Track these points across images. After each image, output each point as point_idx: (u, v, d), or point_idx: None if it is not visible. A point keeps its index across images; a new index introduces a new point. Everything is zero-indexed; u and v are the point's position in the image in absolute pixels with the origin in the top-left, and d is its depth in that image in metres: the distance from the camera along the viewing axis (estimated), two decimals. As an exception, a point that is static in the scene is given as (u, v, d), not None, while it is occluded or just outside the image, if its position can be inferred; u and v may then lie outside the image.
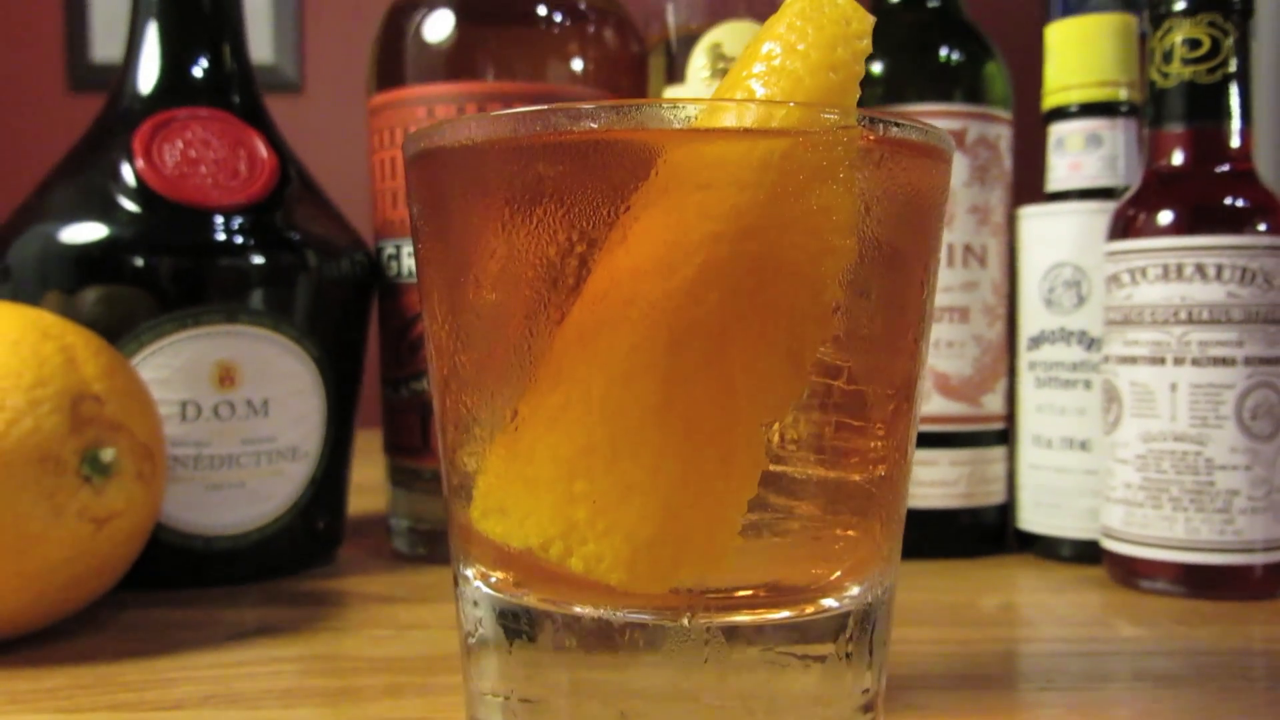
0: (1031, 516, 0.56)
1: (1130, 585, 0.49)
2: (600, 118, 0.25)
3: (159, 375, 0.47)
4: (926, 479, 0.56)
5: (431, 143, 0.28)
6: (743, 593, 0.28)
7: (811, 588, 0.29)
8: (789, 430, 0.27)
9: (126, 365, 0.44)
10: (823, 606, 0.29)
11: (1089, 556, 0.53)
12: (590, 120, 0.25)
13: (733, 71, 0.28)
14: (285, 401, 0.50)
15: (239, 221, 0.49)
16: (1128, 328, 0.49)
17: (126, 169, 0.49)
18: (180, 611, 0.46)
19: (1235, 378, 0.47)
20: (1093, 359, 0.54)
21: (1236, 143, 0.49)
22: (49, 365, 0.39)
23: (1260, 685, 0.38)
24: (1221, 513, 0.47)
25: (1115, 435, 0.50)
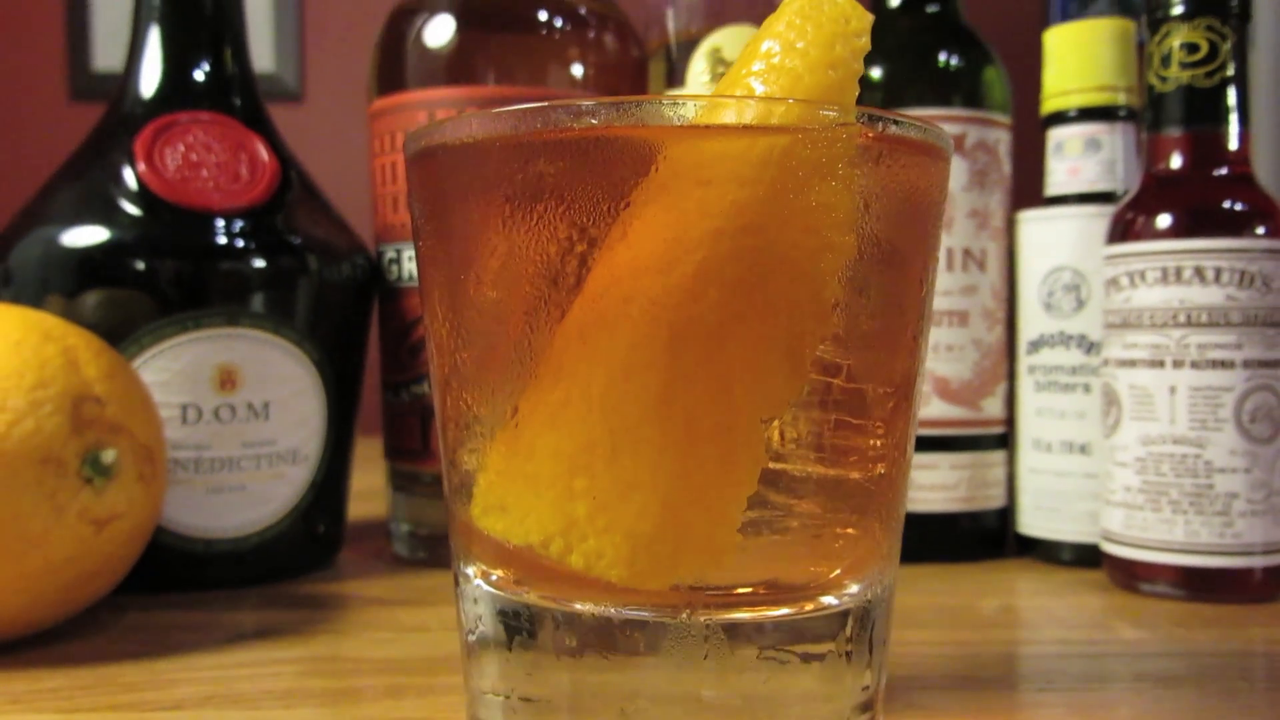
0: (1031, 520, 0.56)
1: (1130, 588, 0.49)
2: (600, 114, 0.25)
3: (160, 378, 0.47)
4: (926, 483, 0.56)
5: (432, 140, 0.28)
6: (742, 590, 0.28)
7: (811, 585, 0.29)
8: (788, 428, 0.28)
9: (128, 367, 0.44)
10: (822, 604, 0.29)
11: (1089, 560, 0.53)
12: (590, 117, 0.25)
13: (732, 69, 0.28)
14: (286, 405, 0.50)
15: (240, 225, 0.49)
16: (1127, 331, 0.49)
17: (128, 172, 0.49)
18: (180, 614, 0.46)
19: (1234, 380, 0.47)
20: (1092, 362, 0.54)
21: (1234, 146, 0.49)
22: (50, 367, 0.39)
23: (1260, 686, 0.38)
24: (1221, 515, 0.47)
25: (1115, 438, 0.50)
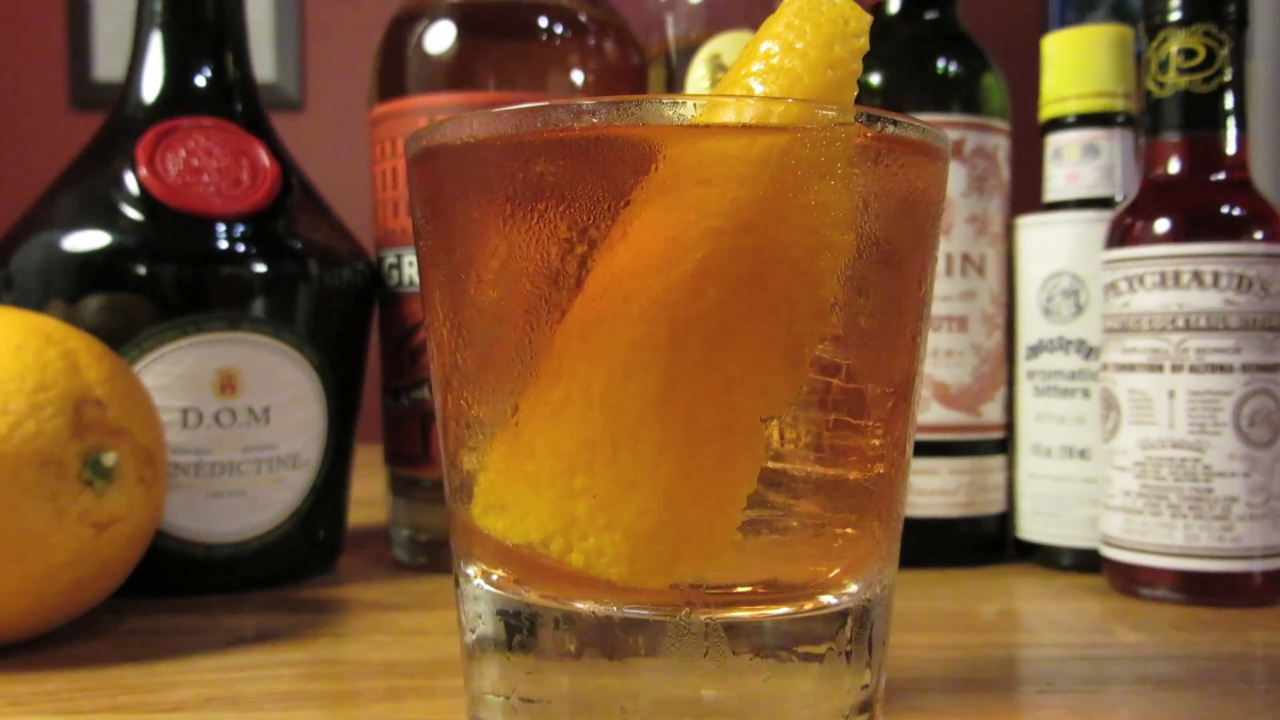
0: (1031, 525, 0.56)
1: (1130, 592, 0.49)
2: (600, 114, 0.25)
3: (160, 382, 0.47)
4: (926, 488, 0.56)
5: (433, 140, 0.29)
6: (742, 589, 0.28)
7: (810, 585, 0.29)
8: (788, 428, 0.28)
9: (129, 370, 0.44)
10: (822, 603, 0.29)
11: (1089, 565, 0.53)
12: (591, 116, 0.25)
13: (732, 69, 0.28)
14: (286, 409, 0.50)
15: (241, 230, 0.50)
16: (1125, 335, 0.49)
17: (130, 177, 0.49)
18: (181, 618, 0.46)
19: (1233, 384, 0.47)
20: (1091, 367, 0.54)
21: (1232, 151, 0.49)
22: (52, 370, 0.40)
23: (1260, 688, 0.38)
24: (1220, 519, 0.47)
25: (1114, 443, 0.50)
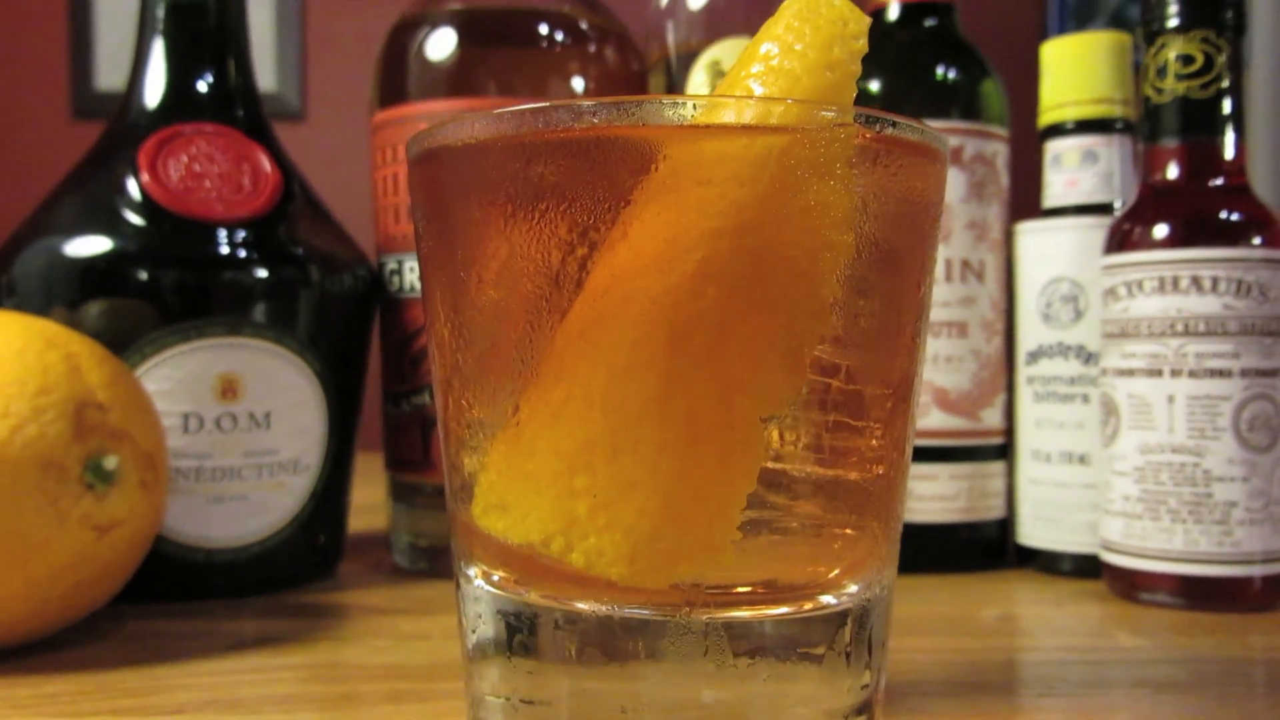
0: (1031, 531, 0.56)
1: (1130, 597, 0.49)
2: (601, 114, 0.26)
3: (161, 387, 0.47)
4: (926, 493, 0.56)
5: (435, 142, 0.29)
6: (742, 589, 0.28)
7: (810, 585, 0.29)
8: (788, 429, 0.28)
9: (130, 374, 0.44)
10: (821, 604, 0.29)
11: (1089, 571, 0.53)
12: (591, 117, 0.26)
13: (732, 71, 0.28)
14: (287, 414, 0.50)
15: (242, 235, 0.50)
16: (1125, 340, 0.49)
17: (131, 183, 0.49)
18: (181, 622, 0.46)
19: (1232, 389, 0.47)
20: (1090, 373, 0.54)
21: (1230, 156, 0.49)
22: (53, 373, 0.40)
23: (1260, 691, 0.38)
24: (1220, 524, 0.47)
25: (1113, 448, 0.50)
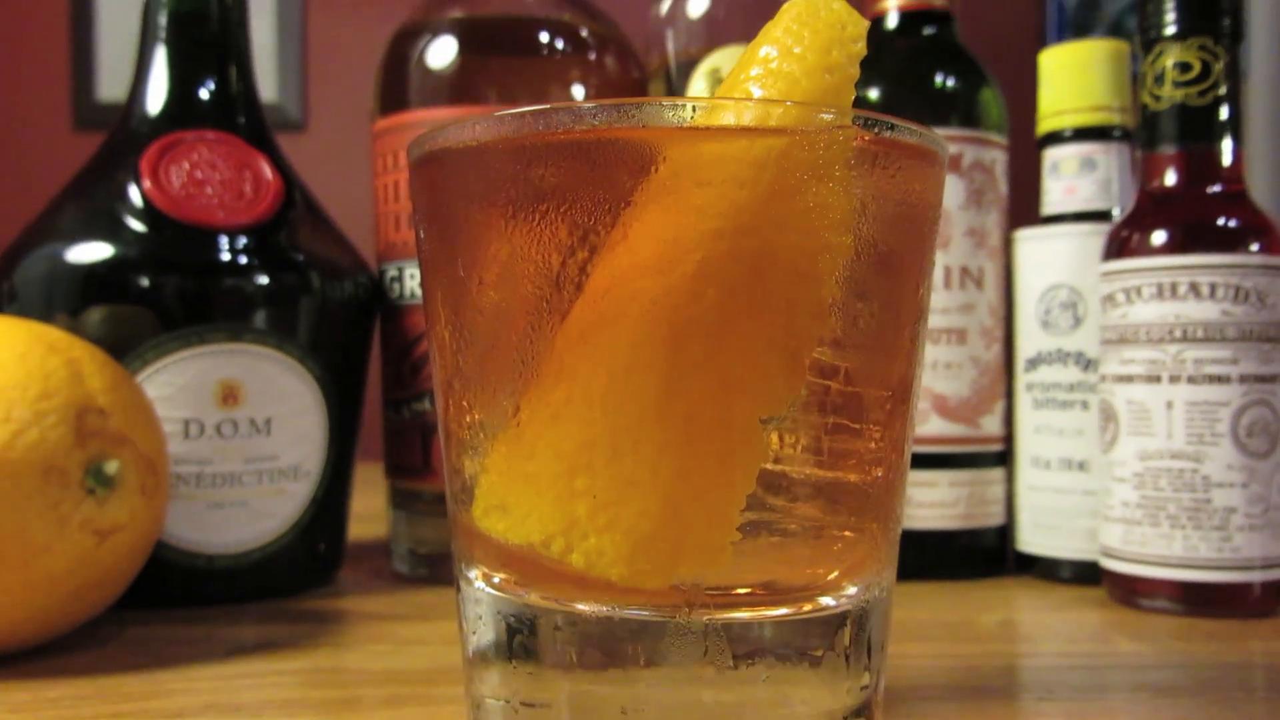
0: (1031, 538, 0.56)
1: (1130, 604, 0.49)
2: (601, 116, 0.26)
3: (162, 393, 0.48)
4: (925, 500, 0.56)
5: (436, 145, 0.29)
6: (741, 590, 0.28)
7: (809, 587, 0.29)
8: (787, 431, 0.28)
9: (131, 380, 0.44)
10: (821, 605, 0.29)
11: (1089, 577, 0.53)
12: (591, 119, 0.26)
13: (731, 74, 0.28)
14: (288, 421, 0.51)
15: (244, 242, 0.50)
16: (1123, 347, 0.49)
17: (133, 190, 0.49)
18: (181, 628, 0.46)
19: (1231, 395, 0.47)
20: (1090, 379, 0.54)
21: (1228, 163, 0.49)
22: (55, 378, 0.40)
23: (1260, 696, 0.38)
24: (1219, 530, 0.47)
25: (1112, 454, 0.50)
